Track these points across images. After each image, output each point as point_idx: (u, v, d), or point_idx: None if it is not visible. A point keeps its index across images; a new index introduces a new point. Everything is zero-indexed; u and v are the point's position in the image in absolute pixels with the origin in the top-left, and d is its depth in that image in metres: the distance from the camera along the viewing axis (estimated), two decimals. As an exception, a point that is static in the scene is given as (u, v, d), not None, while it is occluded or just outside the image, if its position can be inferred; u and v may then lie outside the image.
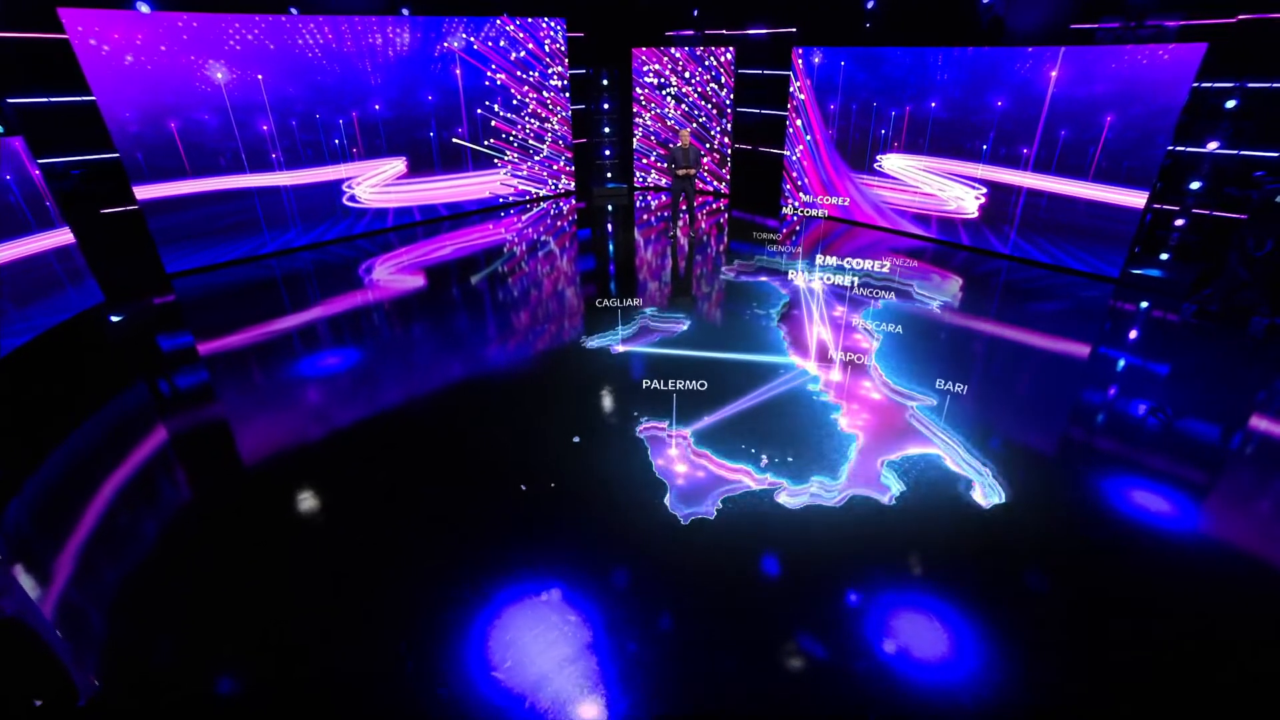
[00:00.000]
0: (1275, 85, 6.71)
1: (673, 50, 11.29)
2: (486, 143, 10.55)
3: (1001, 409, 5.14)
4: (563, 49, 10.92)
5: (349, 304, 7.45)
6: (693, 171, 8.93)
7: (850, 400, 5.18)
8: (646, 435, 4.74)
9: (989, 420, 4.90)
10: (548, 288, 8.06)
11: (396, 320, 7.02)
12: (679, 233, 9.56)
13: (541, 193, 11.75)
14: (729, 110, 11.34)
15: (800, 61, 9.90)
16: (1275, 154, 6.93)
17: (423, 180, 10.05)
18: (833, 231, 9.93)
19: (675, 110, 11.71)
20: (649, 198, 12.28)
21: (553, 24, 10.61)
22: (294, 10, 8.35)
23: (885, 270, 6.65)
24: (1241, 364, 5.88)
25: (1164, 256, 7.53)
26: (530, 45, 10.45)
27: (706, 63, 11.10)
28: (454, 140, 10.13)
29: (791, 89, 10.21)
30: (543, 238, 9.92)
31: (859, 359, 5.75)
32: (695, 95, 11.46)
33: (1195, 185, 7.14)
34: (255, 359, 6.19)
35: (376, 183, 9.60)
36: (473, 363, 6.11)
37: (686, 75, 11.35)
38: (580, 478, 4.28)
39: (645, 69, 11.54)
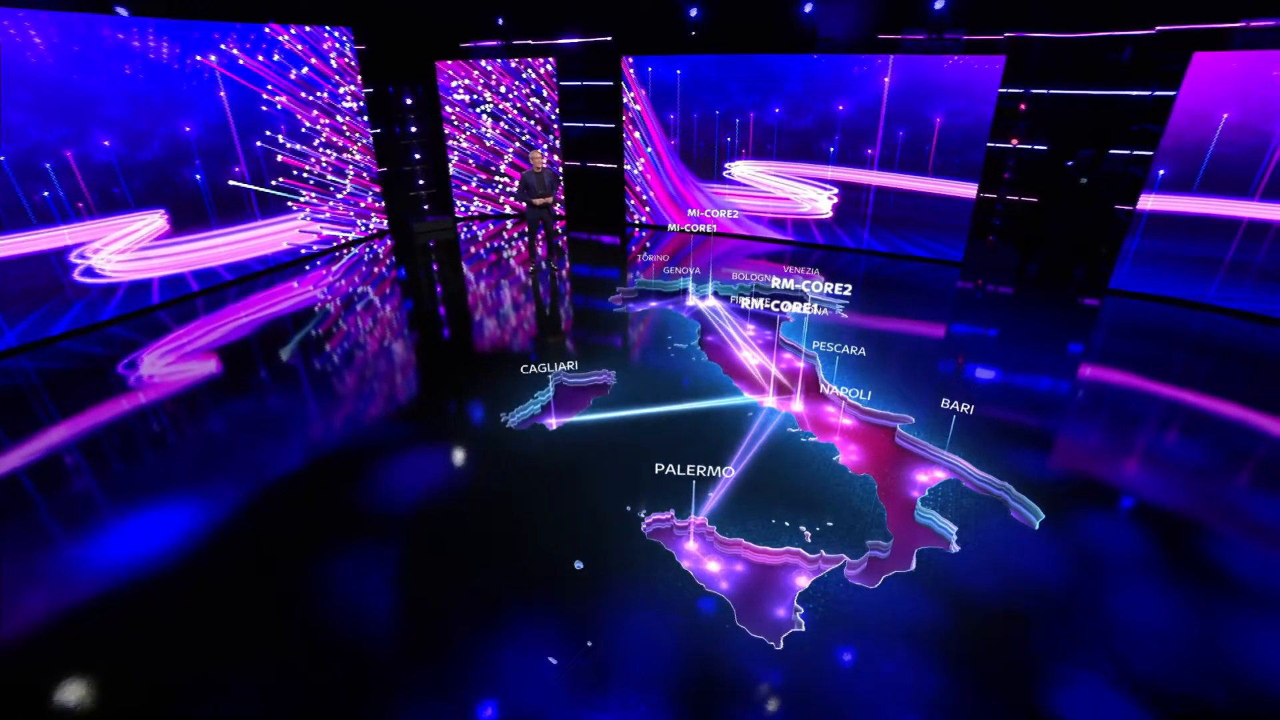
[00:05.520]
0: (1049, 92, 7.92)
1: (483, 63, 10.13)
2: (274, 182, 8.39)
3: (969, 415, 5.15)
4: (352, 64, 9.13)
5: (106, 417, 5.23)
6: (550, 200, 7.98)
7: (835, 433, 4.82)
8: (656, 534, 3.84)
9: (969, 429, 4.87)
10: (414, 355, 6.56)
11: (197, 427, 5.04)
12: (540, 266, 8.57)
13: (351, 236, 9.77)
14: (555, 126, 10.53)
15: (632, 71, 9.47)
16: (1045, 148, 8.23)
17: (194, 237, 7.62)
18: (689, 242, 9.71)
19: (494, 130, 10.57)
20: (474, 228, 10.97)
21: (337, 34, 8.79)
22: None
23: (782, 284, 6.39)
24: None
25: (992, 239, 8.55)
26: (313, 60, 8.53)
27: (524, 75, 10.15)
28: (231, 182, 7.85)
29: (625, 100, 9.75)
30: (361, 289, 8.16)
31: (824, 388, 5.43)
32: (515, 111, 10.44)
33: (1005, 176, 8.19)
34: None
35: (126, 246, 7.02)
36: (361, 477, 4.50)
37: (503, 90, 10.28)
38: (616, 625, 3.24)
39: (454, 85, 10.20)
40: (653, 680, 2.92)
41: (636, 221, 10.66)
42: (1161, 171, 7.01)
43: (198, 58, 7.29)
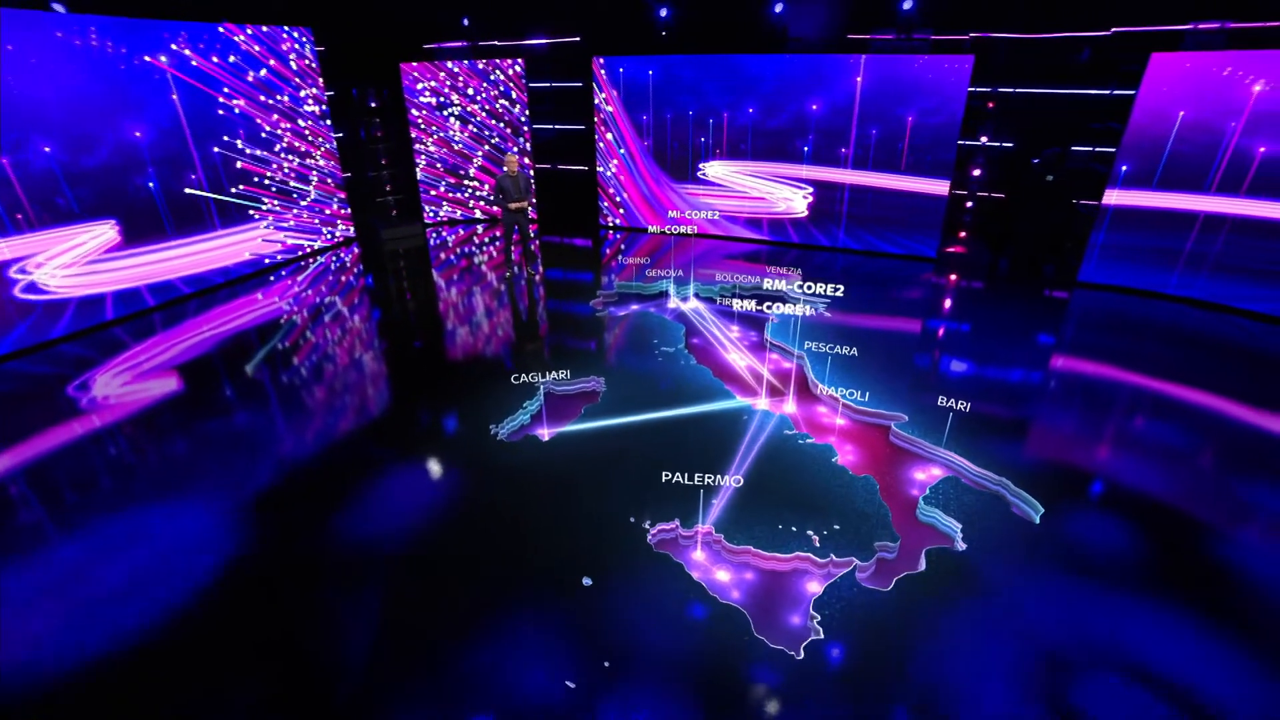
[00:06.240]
0: (1017, 91, 8.12)
1: (449, 64, 9.88)
2: (234, 190, 7.99)
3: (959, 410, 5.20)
4: (313, 65, 8.78)
5: (58, 441, 4.88)
6: (525, 204, 7.82)
7: (831, 434, 4.80)
8: (663, 546, 3.75)
9: (963, 424, 4.91)
10: (393, 368, 6.33)
11: (162, 450, 4.74)
12: (516, 271, 8.39)
13: (317, 244, 9.41)
14: (525, 128, 10.34)
15: (603, 72, 9.36)
16: (1011, 144, 8.45)
17: (148, 249, 7.20)
18: (665, 244, 9.64)
19: (462, 133, 10.32)
20: (443, 233, 10.70)
21: (297, 35, 8.44)
22: None
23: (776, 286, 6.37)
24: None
25: (963, 234, 8.72)
26: (272, 61, 8.17)
27: (492, 76, 9.94)
28: (188, 190, 7.45)
29: (596, 100, 9.63)
30: (330, 299, 7.86)
31: (816, 389, 5.42)
32: (483, 114, 10.21)
33: (976, 173, 8.36)
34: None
35: (73, 260, 6.59)
36: (347, 498, 4.28)
37: (470, 92, 10.05)
38: (630, 639, 3.13)
39: (420, 87, 9.93)
40: (674, 695, 2.82)
41: (611, 224, 10.55)
42: (1124, 167, 7.23)
43: (146, 58, 6.90)
